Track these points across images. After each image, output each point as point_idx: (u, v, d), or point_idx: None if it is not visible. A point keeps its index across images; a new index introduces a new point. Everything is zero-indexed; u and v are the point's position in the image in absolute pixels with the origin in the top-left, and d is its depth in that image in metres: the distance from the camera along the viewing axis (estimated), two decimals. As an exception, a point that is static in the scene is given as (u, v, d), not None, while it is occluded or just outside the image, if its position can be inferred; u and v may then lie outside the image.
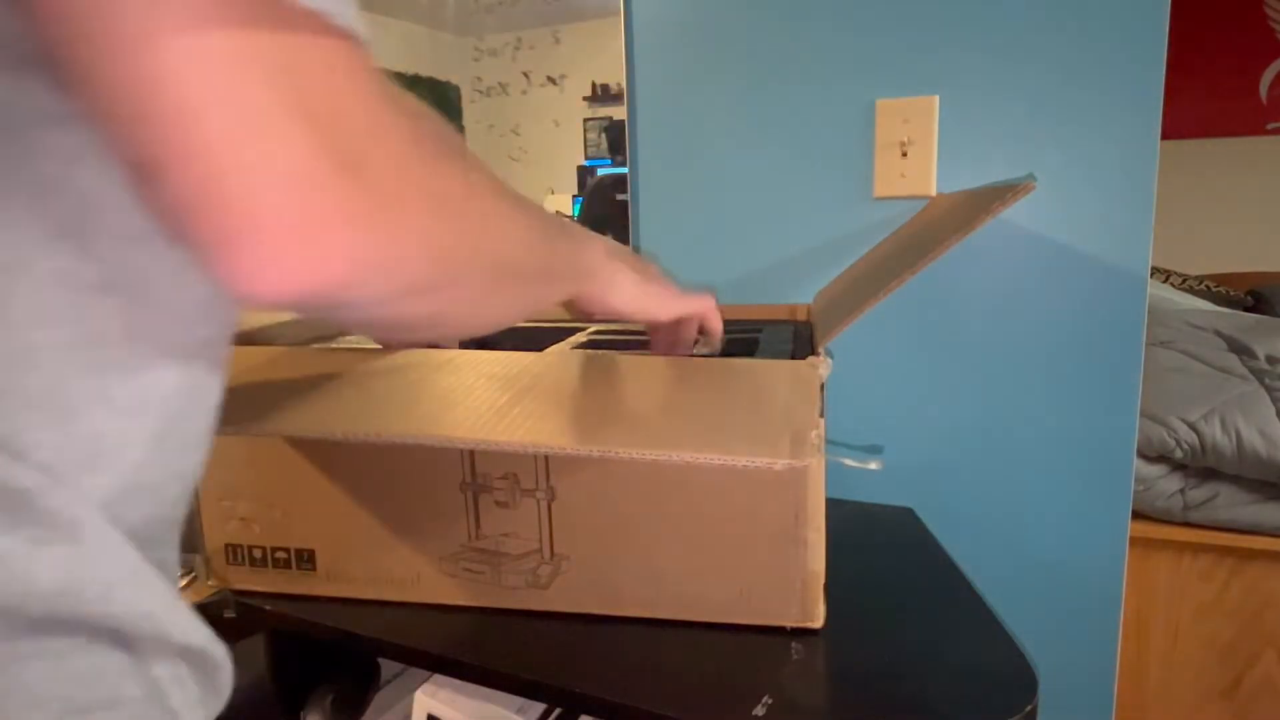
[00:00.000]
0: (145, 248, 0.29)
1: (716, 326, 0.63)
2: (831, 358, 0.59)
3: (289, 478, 0.65)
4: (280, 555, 0.68)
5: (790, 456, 0.48)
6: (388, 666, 0.82)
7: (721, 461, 0.49)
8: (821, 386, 0.57)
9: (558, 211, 1.28)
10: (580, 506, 0.61)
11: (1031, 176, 0.52)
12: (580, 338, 0.80)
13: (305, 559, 0.68)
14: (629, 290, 0.54)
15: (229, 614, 0.69)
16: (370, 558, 0.67)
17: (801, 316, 0.87)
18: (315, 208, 0.25)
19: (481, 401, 0.53)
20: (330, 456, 0.65)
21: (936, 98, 0.86)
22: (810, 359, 0.57)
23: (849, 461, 0.58)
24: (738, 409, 0.54)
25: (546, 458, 0.60)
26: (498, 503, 0.63)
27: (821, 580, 0.60)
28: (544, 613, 0.65)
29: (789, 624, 0.61)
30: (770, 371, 0.58)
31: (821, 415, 0.58)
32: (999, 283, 0.88)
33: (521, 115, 1.55)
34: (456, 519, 0.64)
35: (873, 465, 0.59)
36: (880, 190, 0.90)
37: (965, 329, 0.90)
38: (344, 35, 0.26)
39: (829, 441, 0.81)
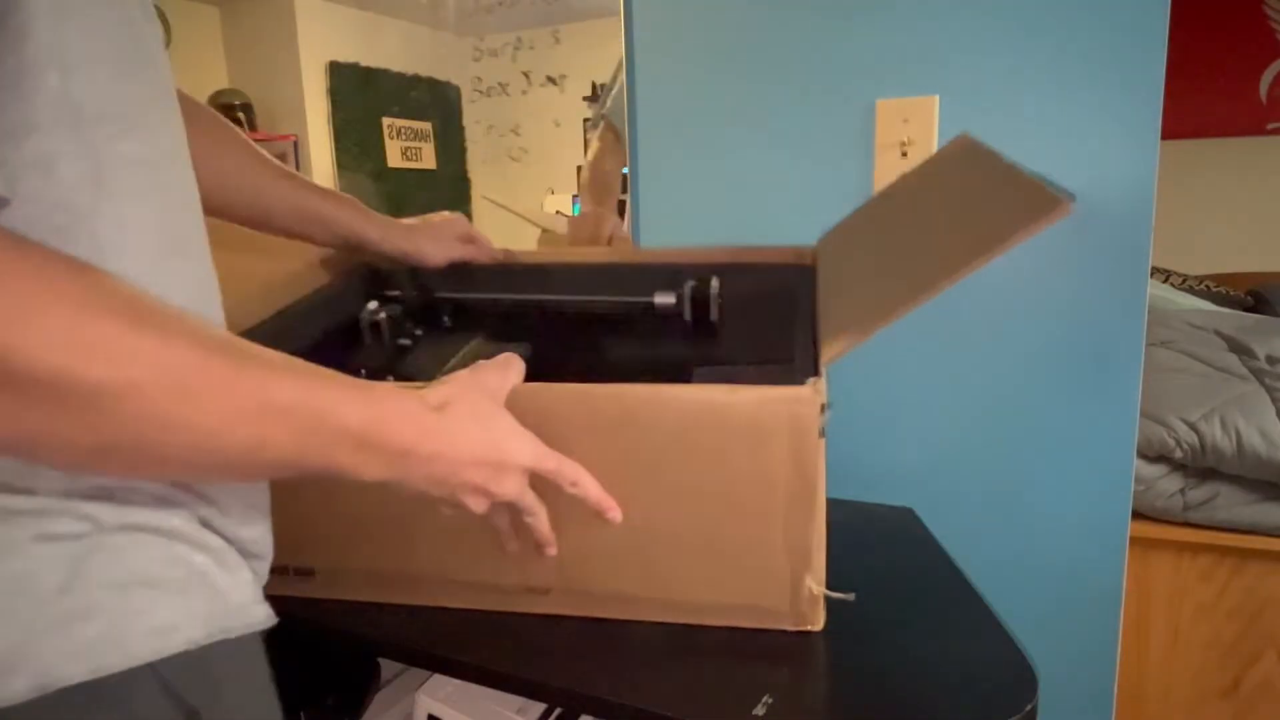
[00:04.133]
0: None
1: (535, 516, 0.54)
2: (828, 399, 0.56)
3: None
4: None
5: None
6: (388, 666, 0.82)
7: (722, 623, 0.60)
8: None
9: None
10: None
11: (1068, 194, 0.49)
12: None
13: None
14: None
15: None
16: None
17: (807, 260, 0.83)
18: None
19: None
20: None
21: (936, 98, 0.86)
22: (813, 385, 0.55)
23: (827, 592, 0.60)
24: (730, 533, 0.58)
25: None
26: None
27: (822, 583, 0.60)
28: (547, 605, 0.65)
29: (789, 627, 0.61)
30: (763, 440, 0.55)
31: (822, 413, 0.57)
32: (999, 282, 0.88)
33: (521, 115, 1.56)
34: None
35: (850, 596, 0.60)
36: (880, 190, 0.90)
37: (965, 328, 0.90)
38: None
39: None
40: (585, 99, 1.40)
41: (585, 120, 1.40)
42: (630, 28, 0.99)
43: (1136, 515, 1.15)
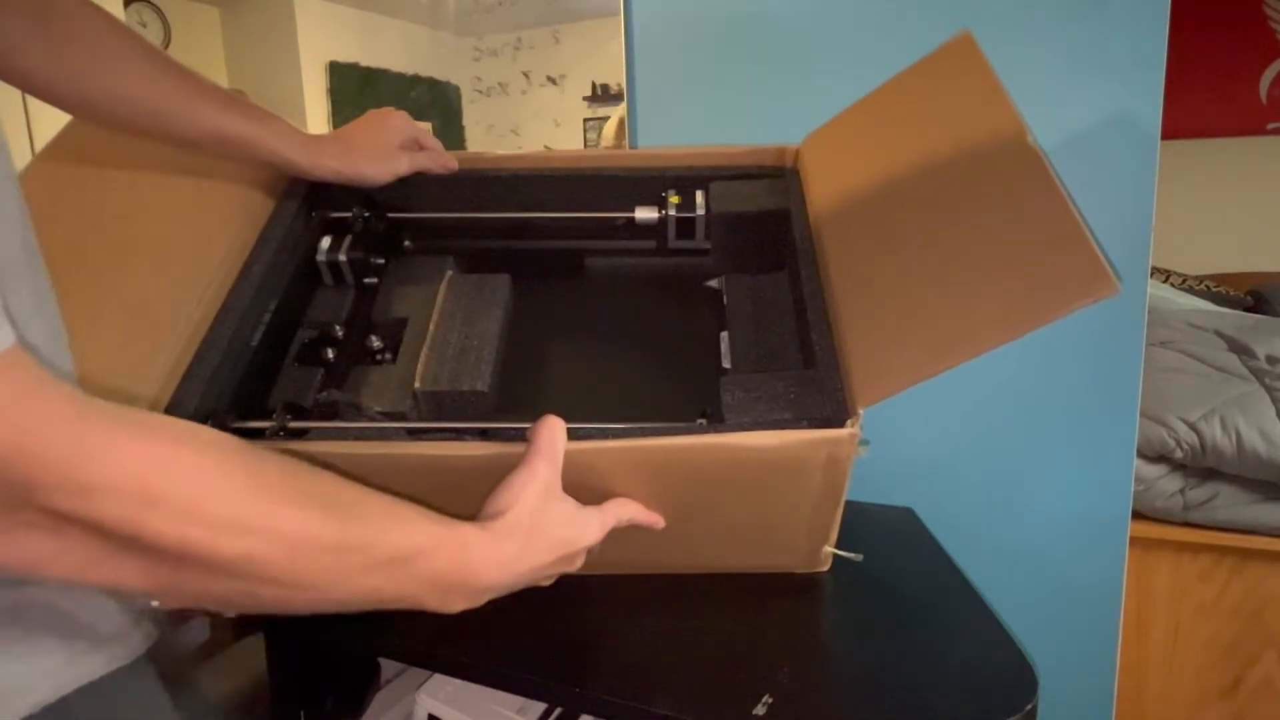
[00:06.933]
0: None
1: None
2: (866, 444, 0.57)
3: None
4: None
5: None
6: (388, 666, 0.82)
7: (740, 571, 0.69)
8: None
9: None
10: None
11: (1117, 276, 0.49)
12: None
13: None
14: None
15: (230, 613, 0.69)
16: None
17: (790, 162, 0.79)
18: None
19: None
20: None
21: (936, 98, 0.86)
22: (851, 425, 0.56)
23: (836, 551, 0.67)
24: (760, 527, 0.63)
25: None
26: None
27: (833, 544, 0.66)
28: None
29: (800, 571, 0.68)
30: (794, 487, 0.58)
31: None
32: (999, 283, 0.88)
33: (521, 115, 1.56)
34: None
35: (858, 556, 0.67)
36: (880, 190, 0.90)
37: (965, 329, 0.90)
38: None
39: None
40: (585, 99, 1.40)
41: (585, 120, 1.40)
42: (630, 28, 0.99)
43: (1136, 515, 1.15)
